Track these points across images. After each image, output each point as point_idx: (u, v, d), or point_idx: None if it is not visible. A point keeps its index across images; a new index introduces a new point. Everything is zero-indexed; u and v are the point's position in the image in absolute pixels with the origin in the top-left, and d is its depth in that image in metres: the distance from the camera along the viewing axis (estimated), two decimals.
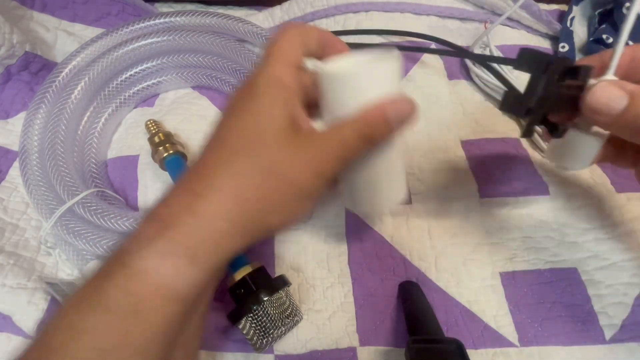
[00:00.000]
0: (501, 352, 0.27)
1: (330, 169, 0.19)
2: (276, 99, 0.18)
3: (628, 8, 0.37)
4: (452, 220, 0.31)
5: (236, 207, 0.18)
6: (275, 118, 0.18)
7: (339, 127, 0.19)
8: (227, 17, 0.37)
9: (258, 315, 0.23)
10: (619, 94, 0.18)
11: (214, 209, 0.17)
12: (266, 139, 0.18)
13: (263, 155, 0.18)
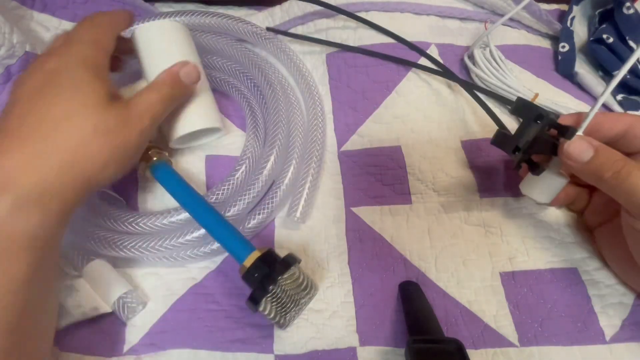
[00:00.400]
0: (501, 352, 0.27)
1: (149, 125, 0.25)
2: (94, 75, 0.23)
3: (628, 7, 0.37)
4: (452, 220, 0.31)
5: (71, 164, 0.21)
6: (96, 89, 0.23)
7: (146, 92, 0.26)
8: (227, 17, 0.37)
9: (276, 295, 0.24)
10: (587, 147, 0.23)
11: (52, 164, 0.21)
12: (93, 105, 0.22)
13: (91, 118, 0.22)
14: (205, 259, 0.30)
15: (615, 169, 0.23)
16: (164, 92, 0.27)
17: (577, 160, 0.24)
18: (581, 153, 0.23)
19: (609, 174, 0.23)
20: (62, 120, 0.22)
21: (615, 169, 0.23)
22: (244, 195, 0.30)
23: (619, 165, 0.23)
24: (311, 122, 0.35)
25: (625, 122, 0.25)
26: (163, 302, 0.29)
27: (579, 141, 0.24)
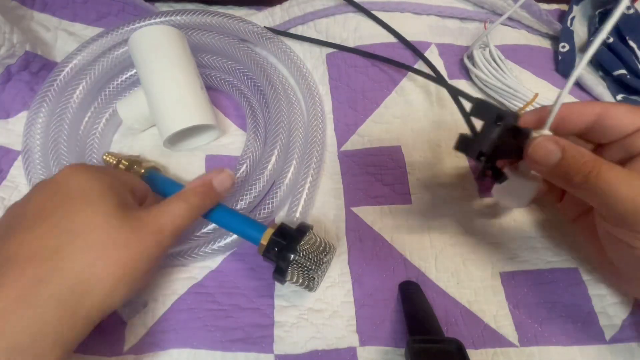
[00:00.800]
0: (501, 352, 0.27)
1: (168, 239, 0.22)
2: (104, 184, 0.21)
3: (628, 7, 0.37)
4: (452, 220, 0.31)
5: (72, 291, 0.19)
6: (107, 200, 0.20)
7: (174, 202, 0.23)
8: (228, 17, 0.37)
9: (299, 262, 0.25)
10: (554, 149, 0.21)
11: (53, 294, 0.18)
12: (103, 218, 0.20)
13: (98, 234, 0.20)
14: (205, 259, 0.30)
15: (584, 171, 0.20)
16: (193, 203, 0.24)
17: (543, 163, 0.21)
18: (547, 155, 0.21)
19: (578, 177, 0.20)
20: (66, 240, 0.19)
21: (584, 171, 0.20)
22: (245, 195, 0.30)
23: (588, 167, 0.20)
24: (311, 122, 0.35)
25: (593, 112, 0.23)
26: (163, 301, 0.29)
27: (544, 142, 0.21)
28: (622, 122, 0.22)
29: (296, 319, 0.28)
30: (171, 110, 0.32)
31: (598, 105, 0.23)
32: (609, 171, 0.20)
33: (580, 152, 0.21)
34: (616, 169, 0.20)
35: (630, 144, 0.23)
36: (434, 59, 0.39)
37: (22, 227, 0.20)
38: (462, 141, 0.23)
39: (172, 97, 0.32)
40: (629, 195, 0.19)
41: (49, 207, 0.20)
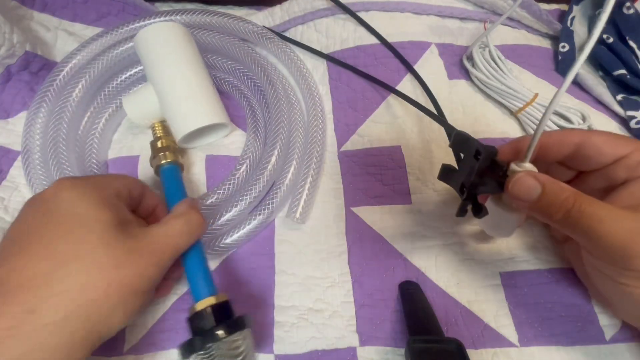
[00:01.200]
0: (501, 352, 0.27)
1: (169, 259, 0.22)
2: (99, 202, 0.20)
3: (628, 7, 0.37)
4: (452, 220, 0.31)
5: (66, 318, 0.18)
6: (102, 219, 0.19)
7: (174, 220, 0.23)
8: (228, 16, 0.37)
9: (210, 355, 0.21)
10: (534, 185, 0.21)
11: (47, 322, 0.17)
12: (98, 238, 0.19)
13: (94, 256, 0.18)
14: None
15: (565, 207, 0.20)
16: (193, 223, 0.23)
17: (524, 199, 0.21)
18: (527, 191, 0.21)
19: (559, 214, 0.20)
20: (59, 264, 0.18)
21: (565, 207, 0.20)
22: (245, 195, 0.30)
23: (569, 203, 0.20)
24: (311, 122, 0.35)
25: (572, 141, 0.23)
26: (163, 301, 0.29)
27: (523, 178, 0.21)
28: (602, 152, 0.22)
29: (296, 319, 0.28)
30: (188, 108, 0.32)
31: (578, 134, 0.23)
32: (590, 207, 0.19)
33: (560, 188, 0.20)
34: (597, 204, 0.20)
35: (611, 173, 0.23)
36: (434, 59, 0.39)
37: (13, 252, 0.19)
38: (444, 171, 0.24)
39: (190, 94, 0.32)
40: (612, 232, 0.19)
41: (40, 228, 0.19)
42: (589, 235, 0.20)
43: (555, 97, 0.19)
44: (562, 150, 0.23)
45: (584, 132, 0.23)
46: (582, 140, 0.22)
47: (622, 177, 0.22)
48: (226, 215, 0.29)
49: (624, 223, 0.19)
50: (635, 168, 0.22)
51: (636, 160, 0.21)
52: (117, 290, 0.19)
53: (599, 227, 0.19)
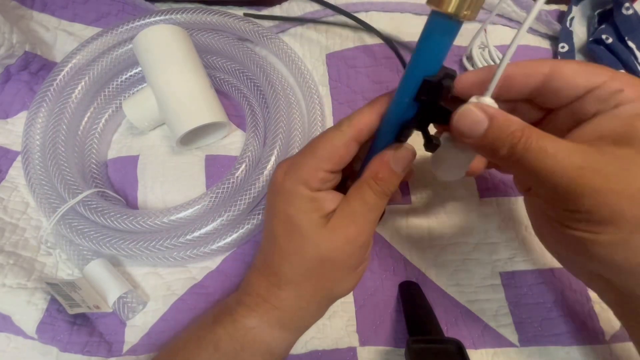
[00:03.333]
0: (501, 352, 0.27)
1: (368, 233, 0.22)
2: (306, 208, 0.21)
3: (627, 8, 0.37)
4: (452, 220, 0.31)
5: (305, 292, 0.22)
6: (311, 220, 0.21)
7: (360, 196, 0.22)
8: (228, 15, 0.37)
9: None
10: (481, 118, 0.18)
11: (289, 295, 0.22)
12: (309, 238, 0.21)
13: (310, 252, 0.21)
14: (206, 259, 0.30)
15: (511, 142, 0.18)
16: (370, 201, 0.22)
17: (469, 135, 0.19)
18: (473, 125, 0.18)
19: (504, 150, 0.18)
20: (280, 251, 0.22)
21: (511, 141, 0.18)
22: (244, 195, 0.30)
23: (515, 137, 0.18)
24: (311, 122, 0.35)
25: (541, 71, 0.20)
26: (163, 302, 0.29)
27: (469, 110, 0.19)
28: (572, 83, 0.19)
29: None
30: (186, 108, 0.32)
31: (547, 63, 0.20)
32: (538, 141, 0.17)
33: (508, 120, 0.18)
34: (547, 138, 0.17)
35: (581, 107, 0.20)
36: None
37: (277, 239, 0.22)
38: None
39: (186, 95, 0.32)
40: (559, 168, 0.17)
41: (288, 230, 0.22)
42: (535, 173, 0.18)
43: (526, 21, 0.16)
44: (530, 82, 0.20)
45: (554, 62, 0.20)
46: (552, 70, 0.19)
47: (591, 111, 0.19)
48: (226, 214, 0.29)
49: (574, 158, 0.17)
50: (607, 100, 0.19)
51: (609, 91, 0.19)
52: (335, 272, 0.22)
53: (545, 163, 0.17)
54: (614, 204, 0.16)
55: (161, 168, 0.34)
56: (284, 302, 0.22)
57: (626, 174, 0.16)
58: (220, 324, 0.22)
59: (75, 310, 0.28)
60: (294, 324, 0.23)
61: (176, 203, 0.30)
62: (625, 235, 0.17)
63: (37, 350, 0.28)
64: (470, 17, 0.15)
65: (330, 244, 0.21)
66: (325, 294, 0.23)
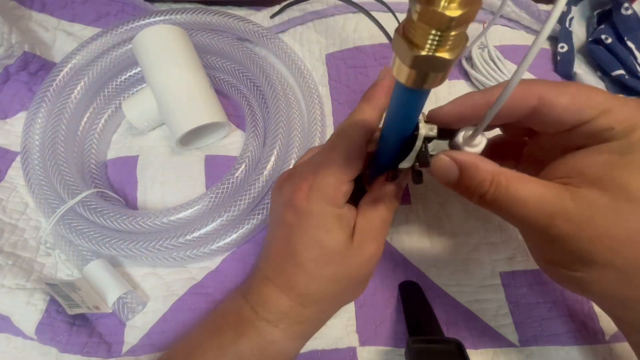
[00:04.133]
0: (501, 352, 0.27)
1: (383, 246, 0.23)
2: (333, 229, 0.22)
3: (626, 8, 0.37)
4: (452, 220, 0.31)
5: (329, 307, 0.24)
6: (331, 242, 0.22)
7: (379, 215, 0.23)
8: (228, 15, 0.37)
9: None
10: (452, 167, 0.19)
11: (313, 311, 0.23)
12: (338, 261, 0.22)
13: (340, 272, 0.22)
14: (205, 259, 0.30)
15: (479, 192, 0.19)
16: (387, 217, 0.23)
17: (443, 181, 0.20)
18: (445, 173, 0.19)
19: (475, 198, 0.19)
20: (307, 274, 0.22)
21: (479, 192, 0.19)
22: (244, 195, 0.30)
23: (484, 187, 0.18)
24: (311, 122, 0.35)
25: (529, 105, 0.19)
26: (163, 302, 0.29)
27: (441, 160, 0.19)
28: (561, 119, 0.19)
29: None
30: (185, 108, 0.32)
31: (536, 92, 0.19)
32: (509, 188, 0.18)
33: (477, 170, 0.19)
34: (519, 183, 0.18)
35: (569, 137, 0.19)
36: None
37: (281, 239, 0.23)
38: None
39: (186, 95, 0.32)
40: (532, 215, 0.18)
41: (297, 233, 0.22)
42: (508, 219, 0.19)
43: None
44: (516, 113, 0.20)
45: (546, 89, 0.19)
46: (540, 103, 0.19)
47: (579, 143, 0.19)
48: (225, 214, 0.29)
49: (545, 205, 0.17)
50: (595, 136, 0.18)
51: (599, 128, 0.18)
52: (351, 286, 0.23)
53: (516, 211, 0.18)
54: (584, 249, 0.17)
55: (161, 168, 0.34)
56: (308, 318, 0.23)
57: (596, 222, 0.17)
58: (244, 337, 0.22)
59: (75, 310, 0.28)
60: (312, 334, 0.24)
61: (176, 203, 0.30)
62: (597, 274, 0.18)
63: (36, 350, 0.28)
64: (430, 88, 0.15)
65: (357, 264, 0.22)
66: (342, 305, 0.25)
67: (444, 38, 0.12)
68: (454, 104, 0.20)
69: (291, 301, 0.22)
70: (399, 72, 0.14)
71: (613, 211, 0.17)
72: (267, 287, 0.23)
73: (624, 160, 0.17)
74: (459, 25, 0.12)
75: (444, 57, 0.12)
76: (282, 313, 0.22)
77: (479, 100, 0.20)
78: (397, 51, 0.13)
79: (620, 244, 0.17)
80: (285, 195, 0.23)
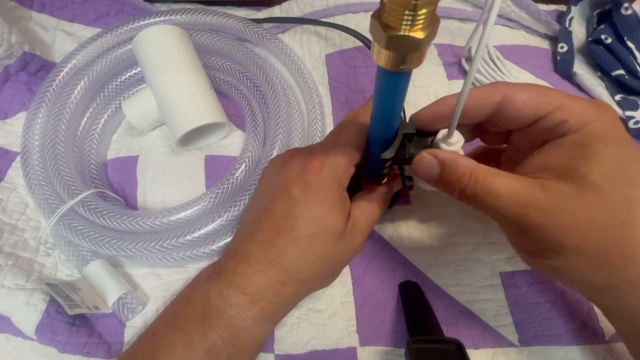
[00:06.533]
0: (501, 352, 0.27)
1: (364, 244, 0.24)
2: (335, 209, 0.22)
3: (626, 8, 0.37)
4: (452, 220, 0.31)
5: (305, 288, 0.23)
6: (333, 222, 0.22)
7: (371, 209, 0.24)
8: (227, 16, 0.37)
9: None
10: (433, 164, 0.21)
11: (291, 291, 0.22)
12: (332, 242, 0.22)
13: (330, 254, 0.22)
14: (205, 260, 0.30)
15: (460, 187, 0.20)
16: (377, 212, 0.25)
17: (426, 178, 0.21)
18: (428, 170, 0.21)
19: (456, 193, 0.20)
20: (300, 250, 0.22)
21: (459, 186, 0.20)
22: (244, 195, 0.30)
23: (463, 183, 0.20)
24: (311, 122, 0.35)
25: (494, 101, 0.21)
26: (163, 302, 0.29)
27: (423, 158, 0.21)
28: (521, 114, 0.20)
29: (296, 319, 0.28)
30: (185, 108, 0.32)
31: (500, 90, 0.21)
32: (486, 183, 0.19)
33: (456, 166, 0.20)
34: (495, 178, 0.19)
35: (532, 133, 0.21)
36: (433, 59, 0.39)
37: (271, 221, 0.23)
38: None
39: (186, 95, 0.32)
40: (506, 208, 0.19)
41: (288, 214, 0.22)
42: (486, 212, 0.20)
43: None
44: (483, 111, 0.21)
45: (508, 88, 0.21)
46: (502, 99, 0.21)
47: (540, 139, 0.21)
48: (225, 215, 0.29)
49: (518, 198, 0.19)
50: (553, 130, 0.20)
51: (555, 122, 0.20)
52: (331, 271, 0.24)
53: (492, 204, 0.19)
54: (555, 237, 0.19)
55: (161, 168, 0.34)
56: (283, 299, 0.22)
57: (564, 210, 0.18)
58: (213, 329, 0.21)
59: (75, 311, 0.28)
60: (280, 318, 0.24)
61: (176, 203, 0.30)
62: (571, 261, 0.19)
63: (36, 351, 0.28)
64: (410, 69, 0.16)
65: (345, 250, 0.23)
66: (313, 290, 0.25)
67: (415, 18, 0.13)
68: (430, 106, 0.22)
69: (273, 279, 0.22)
70: (378, 56, 0.15)
71: (579, 200, 0.18)
72: (247, 265, 0.22)
73: (582, 152, 0.19)
74: (425, 5, 0.13)
75: (417, 36, 0.13)
76: (259, 293, 0.21)
77: (451, 101, 0.21)
78: (374, 35, 0.14)
79: (587, 231, 0.18)
80: (292, 169, 0.22)
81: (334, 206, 0.22)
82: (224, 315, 0.21)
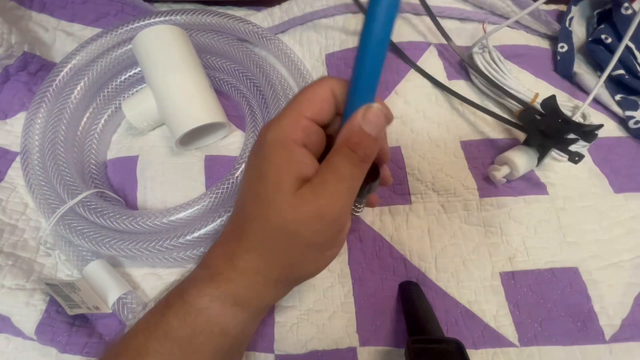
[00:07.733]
0: (501, 352, 0.27)
1: (340, 209, 0.19)
2: (281, 163, 0.19)
3: (626, 8, 0.37)
4: (451, 220, 0.31)
5: (264, 264, 0.20)
6: (281, 183, 0.19)
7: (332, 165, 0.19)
8: (227, 16, 0.37)
9: None
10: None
11: (247, 266, 0.20)
12: (275, 203, 0.19)
13: (274, 219, 0.19)
14: None
15: None
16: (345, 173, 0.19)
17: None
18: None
19: None
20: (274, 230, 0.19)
21: None
22: None
23: None
24: None
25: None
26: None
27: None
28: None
29: (297, 319, 0.28)
30: (185, 108, 0.32)
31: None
32: None
33: None
34: None
35: None
36: (433, 59, 0.39)
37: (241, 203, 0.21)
38: None
39: (185, 95, 0.32)
40: None
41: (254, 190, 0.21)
42: None
43: None
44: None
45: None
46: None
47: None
48: (225, 215, 0.29)
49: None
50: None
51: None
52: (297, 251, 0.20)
53: None
54: None
55: (161, 168, 0.34)
56: (240, 275, 0.20)
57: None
58: (171, 309, 0.20)
59: (75, 311, 0.28)
60: (249, 302, 0.21)
61: (176, 203, 0.30)
62: None
63: (36, 351, 0.28)
64: None
65: (295, 216, 0.19)
66: (285, 273, 0.21)
67: None
68: None
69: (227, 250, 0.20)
70: None
71: None
72: (214, 244, 0.21)
73: None
74: None
75: None
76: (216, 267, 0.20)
77: None
78: None
79: None
80: None
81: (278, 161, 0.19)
82: (183, 293, 0.20)
